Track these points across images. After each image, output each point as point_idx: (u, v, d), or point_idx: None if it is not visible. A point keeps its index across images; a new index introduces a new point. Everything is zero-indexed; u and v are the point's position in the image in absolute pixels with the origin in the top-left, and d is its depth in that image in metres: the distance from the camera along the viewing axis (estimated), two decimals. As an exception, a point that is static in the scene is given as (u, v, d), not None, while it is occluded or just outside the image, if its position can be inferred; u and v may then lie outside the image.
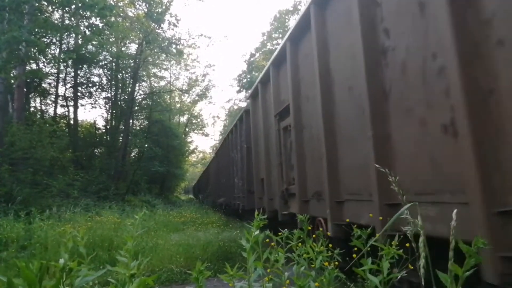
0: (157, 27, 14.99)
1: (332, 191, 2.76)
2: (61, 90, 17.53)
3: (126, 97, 17.61)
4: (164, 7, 15.62)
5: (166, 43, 16.28)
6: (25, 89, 12.10)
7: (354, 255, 1.53)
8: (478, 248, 0.80)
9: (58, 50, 14.81)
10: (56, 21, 12.45)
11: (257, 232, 1.43)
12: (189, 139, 33.07)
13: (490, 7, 1.45)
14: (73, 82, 17.30)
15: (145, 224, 5.74)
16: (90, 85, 17.83)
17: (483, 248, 0.74)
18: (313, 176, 3.32)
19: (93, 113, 60.27)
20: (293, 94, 3.68)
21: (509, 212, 1.33)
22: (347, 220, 2.37)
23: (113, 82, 18.00)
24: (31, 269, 0.98)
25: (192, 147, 35.79)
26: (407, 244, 1.44)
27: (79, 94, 17.44)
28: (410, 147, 1.97)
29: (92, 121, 20.43)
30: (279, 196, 4.22)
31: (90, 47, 15.22)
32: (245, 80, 27.51)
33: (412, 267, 1.41)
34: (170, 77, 26.39)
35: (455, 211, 0.69)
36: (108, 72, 18.01)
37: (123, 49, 17.28)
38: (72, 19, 12.73)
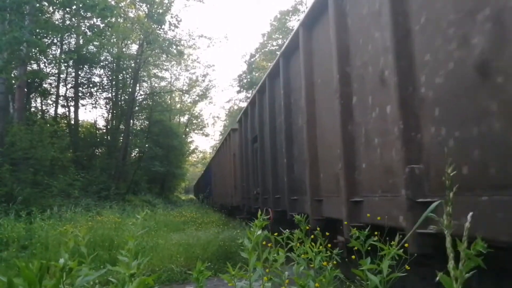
0: (158, 28, 15.02)
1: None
2: (62, 90, 17.58)
3: (127, 97, 17.64)
4: (164, 8, 15.66)
5: (166, 44, 16.32)
6: (26, 90, 12.13)
7: (353, 256, 1.54)
8: (477, 250, 0.80)
9: (59, 50, 14.87)
10: (57, 22, 12.48)
11: (259, 232, 1.44)
12: (189, 139, 33.14)
13: None
14: (74, 82, 17.34)
15: (146, 224, 5.75)
16: (91, 85, 17.89)
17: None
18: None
19: (93, 113, 60.38)
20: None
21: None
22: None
23: (113, 83, 18.04)
24: (31, 269, 0.98)
25: (192, 147, 35.89)
26: (406, 245, 1.46)
27: (79, 94, 17.50)
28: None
29: (93, 121, 20.49)
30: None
31: (91, 47, 15.26)
32: (245, 81, 27.52)
33: (408, 268, 1.41)
34: (171, 77, 26.43)
35: (471, 213, 0.69)
36: (109, 73, 18.05)
37: (124, 49, 17.32)
38: (73, 19, 12.77)
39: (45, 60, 13.33)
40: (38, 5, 9.76)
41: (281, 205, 4.26)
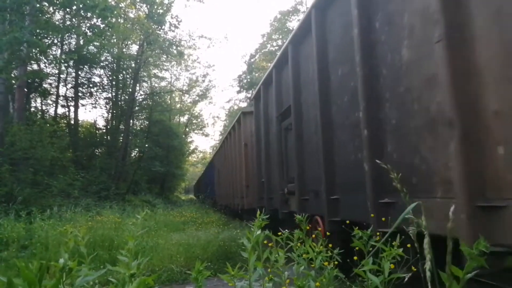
0: (158, 28, 15.04)
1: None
2: (62, 90, 17.60)
3: (127, 97, 17.64)
4: (165, 9, 15.67)
5: (167, 44, 16.33)
6: (26, 90, 12.12)
7: (355, 257, 1.53)
8: (480, 250, 0.80)
9: (59, 50, 14.87)
10: (57, 22, 12.48)
11: (259, 232, 1.43)
12: (189, 139, 33.16)
13: None
14: (74, 83, 17.35)
15: (146, 224, 5.75)
16: (91, 85, 17.89)
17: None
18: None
19: (93, 113, 60.40)
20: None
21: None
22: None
23: (114, 83, 18.05)
24: (31, 269, 0.98)
25: (192, 147, 35.91)
26: (409, 245, 1.42)
27: (79, 94, 17.50)
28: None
29: (93, 121, 20.48)
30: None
31: (91, 48, 15.27)
32: (245, 81, 27.54)
33: (415, 269, 1.40)
34: (171, 77, 26.43)
35: (451, 209, 0.67)
36: (109, 73, 18.06)
37: (124, 50, 17.32)
38: (74, 20, 12.78)
39: (45, 60, 13.33)
40: (38, 5, 9.75)
41: (345, 212, 2.59)
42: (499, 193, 1.32)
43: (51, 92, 16.80)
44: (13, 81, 10.30)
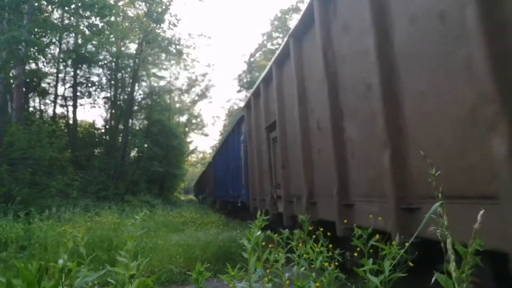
0: (157, 27, 15.00)
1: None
2: (61, 90, 17.54)
3: (126, 96, 17.60)
4: (164, 7, 15.63)
5: (166, 43, 16.29)
6: (24, 89, 12.08)
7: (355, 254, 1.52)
8: (476, 250, 0.79)
9: (57, 50, 14.80)
10: (55, 21, 12.43)
11: (259, 232, 1.43)
12: (188, 139, 33.14)
13: None
14: (72, 82, 17.29)
15: (145, 225, 5.73)
16: (89, 84, 17.83)
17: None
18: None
19: (92, 113, 60.21)
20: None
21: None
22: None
23: (112, 82, 17.99)
24: (30, 269, 0.97)
25: (191, 147, 35.90)
26: (407, 243, 1.43)
27: (78, 93, 17.44)
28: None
29: (91, 121, 20.39)
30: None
31: (89, 46, 15.21)
32: (245, 80, 27.55)
33: (412, 264, 1.41)
34: (170, 77, 26.38)
35: (480, 212, 0.65)
36: (108, 72, 18.01)
37: (122, 48, 17.27)
38: (72, 18, 12.73)
39: (43, 59, 13.26)
40: (36, 4, 9.71)
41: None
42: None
43: (50, 92, 16.76)
44: (12, 81, 10.26)
